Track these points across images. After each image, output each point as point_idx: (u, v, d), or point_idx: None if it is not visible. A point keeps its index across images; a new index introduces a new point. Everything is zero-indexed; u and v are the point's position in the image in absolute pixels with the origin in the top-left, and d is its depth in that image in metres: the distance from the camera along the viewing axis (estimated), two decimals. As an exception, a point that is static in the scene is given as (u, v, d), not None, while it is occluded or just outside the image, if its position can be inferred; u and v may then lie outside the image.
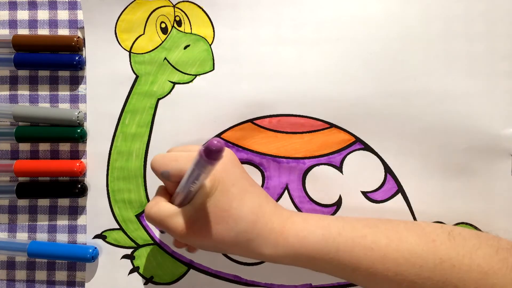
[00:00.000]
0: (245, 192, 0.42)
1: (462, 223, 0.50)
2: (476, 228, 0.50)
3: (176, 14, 0.51)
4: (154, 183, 0.51)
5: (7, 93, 0.53)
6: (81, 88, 0.52)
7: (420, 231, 0.42)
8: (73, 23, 0.52)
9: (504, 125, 0.49)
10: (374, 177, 0.50)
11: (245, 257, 0.44)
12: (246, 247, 0.42)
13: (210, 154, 0.34)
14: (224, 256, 0.51)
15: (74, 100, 0.52)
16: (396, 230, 0.42)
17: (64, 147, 0.52)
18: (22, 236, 0.53)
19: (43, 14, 0.52)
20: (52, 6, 0.52)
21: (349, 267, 0.41)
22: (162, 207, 0.42)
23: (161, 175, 0.43)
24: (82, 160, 0.52)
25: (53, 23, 0.52)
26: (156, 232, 0.52)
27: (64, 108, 0.52)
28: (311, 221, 0.43)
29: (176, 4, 0.51)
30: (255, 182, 0.46)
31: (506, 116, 0.49)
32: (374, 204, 0.50)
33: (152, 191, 0.52)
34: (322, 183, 0.50)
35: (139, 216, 0.52)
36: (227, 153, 0.43)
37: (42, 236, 0.52)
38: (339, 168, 0.50)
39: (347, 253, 0.41)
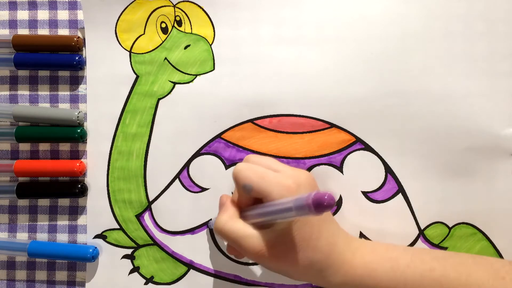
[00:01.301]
0: (323, 221, 0.42)
1: (463, 223, 0.50)
2: (476, 228, 0.50)
3: (176, 14, 0.51)
4: (154, 183, 0.51)
5: (7, 93, 0.53)
6: (81, 88, 0.52)
7: (489, 266, 0.42)
8: (73, 23, 0.52)
9: (504, 125, 0.49)
10: (374, 177, 0.50)
11: (310, 282, 0.45)
12: (317, 275, 0.42)
13: (319, 208, 0.33)
14: (224, 256, 0.51)
15: (74, 100, 0.52)
16: (464, 264, 0.42)
17: (64, 147, 0.52)
18: (22, 236, 0.53)
19: (43, 14, 0.52)
20: (52, 6, 0.52)
21: None
22: (239, 225, 0.42)
23: (242, 187, 0.42)
24: (82, 160, 0.52)
25: (53, 23, 0.52)
26: (156, 233, 0.52)
27: (64, 108, 0.52)
28: (379, 252, 0.44)
29: (177, 4, 0.51)
30: None
31: (506, 116, 0.49)
32: (375, 204, 0.50)
33: (152, 191, 0.51)
34: (323, 183, 0.50)
35: (139, 216, 0.52)
36: (311, 180, 0.43)
37: (42, 236, 0.52)
38: (340, 168, 0.50)
39: (415, 286, 0.41)
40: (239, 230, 0.41)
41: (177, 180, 0.51)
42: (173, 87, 0.51)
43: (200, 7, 0.51)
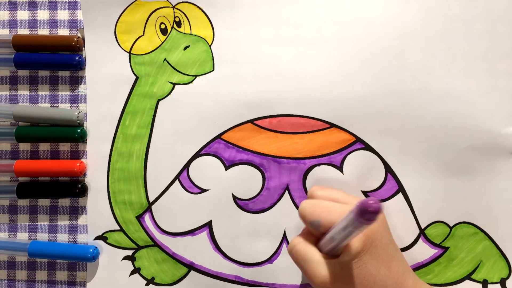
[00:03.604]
0: (393, 258, 0.41)
1: (463, 222, 0.50)
2: (477, 227, 0.50)
3: (175, 15, 0.51)
4: (154, 184, 0.51)
5: (7, 93, 0.53)
6: (81, 88, 0.52)
7: None
8: (73, 23, 0.52)
9: (504, 124, 0.49)
10: (374, 176, 0.50)
11: None
12: None
13: (365, 215, 0.32)
14: (225, 256, 0.51)
15: (74, 100, 0.52)
16: None
17: (64, 147, 0.52)
18: (22, 236, 0.53)
19: (43, 14, 0.52)
20: (52, 6, 0.52)
21: None
22: (309, 249, 0.41)
23: (310, 224, 0.42)
24: (82, 160, 0.52)
25: (53, 23, 0.52)
26: (156, 234, 0.52)
27: (64, 108, 0.52)
28: None
29: (176, 5, 0.51)
30: (398, 247, 0.45)
31: (506, 115, 0.49)
32: (375, 203, 0.50)
33: (152, 193, 0.52)
34: (323, 183, 0.50)
35: (139, 218, 0.52)
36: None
37: (42, 236, 0.53)
38: (340, 168, 0.50)
39: None
40: (307, 254, 0.41)
41: (177, 181, 0.51)
42: (173, 88, 0.51)
43: (200, 8, 0.51)
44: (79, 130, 0.51)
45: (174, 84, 0.51)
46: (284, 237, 0.51)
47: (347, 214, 0.35)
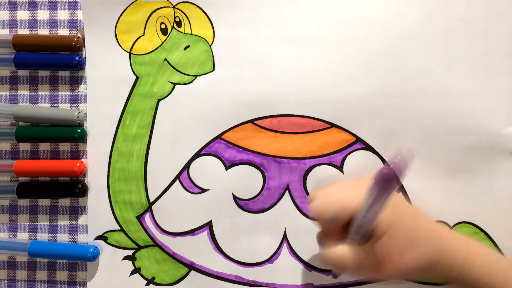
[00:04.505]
0: (419, 214, 0.42)
1: (464, 222, 0.50)
2: (477, 227, 0.50)
3: (176, 15, 0.51)
4: (154, 184, 0.51)
5: (7, 93, 0.53)
6: (81, 88, 0.52)
7: None
8: (73, 23, 0.52)
9: (504, 124, 0.49)
10: (374, 176, 0.51)
11: (420, 278, 0.45)
12: (428, 269, 0.41)
13: (386, 183, 0.33)
14: (225, 256, 0.51)
15: (74, 100, 0.52)
16: None
17: (65, 147, 0.52)
18: (23, 236, 0.53)
19: (43, 14, 0.52)
20: (52, 6, 0.52)
21: None
22: (338, 249, 0.41)
23: (329, 220, 0.41)
24: (82, 160, 0.52)
25: (53, 23, 0.52)
26: (156, 234, 0.52)
27: (64, 108, 0.52)
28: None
29: (176, 5, 0.51)
30: (417, 207, 0.45)
31: (506, 115, 0.49)
32: (375, 203, 0.50)
33: (152, 193, 0.52)
34: (323, 183, 0.50)
35: (140, 218, 0.52)
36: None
37: (43, 236, 0.53)
38: (340, 168, 0.50)
39: None
40: (340, 253, 0.41)
41: (177, 181, 0.51)
42: (173, 88, 0.51)
43: (200, 8, 0.51)
44: (79, 130, 0.51)
45: (175, 84, 0.51)
46: (284, 237, 0.51)
47: (366, 195, 0.36)
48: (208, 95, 0.51)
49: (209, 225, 0.51)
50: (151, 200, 0.51)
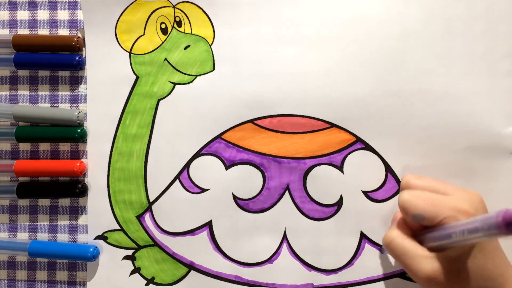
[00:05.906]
0: (495, 250, 0.41)
1: (463, 222, 0.50)
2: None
3: (176, 15, 0.51)
4: (154, 184, 0.51)
5: (7, 93, 0.53)
6: (81, 88, 0.52)
7: None
8: (73, 23, 0.52)
9: (504, 124, 0.49)
10: (375, 176, 0.51)
11: None
12: None
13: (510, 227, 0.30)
14: (225, 256, 0.51)
15: (74, 100, 0.52)
16: None
17: (65, 147, 0.52)
18: (23, 236, 0.53)
19: (43, 14, 0.52)
20: (52, 6, 0.52)
21: None
22: (408, 243, 0.41)
23: (413, 217, 0.41)
24: (82, 160, 0.52)
25: (53, 23, 0.52)
26: (156, 233, 0.52)
27: (64, 108, 0.52)
28: None
29: (176, 4, 0.51)
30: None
31: (506, 115, 0.49)
32: (375, 203, 0.50)
33: (152, 192, 0.52)
34: (323, 183, 0.50)
35: (139, 217, 0.52)
36: (483, 202, 0.43)
37: (43, 236, 0.52)
38: (340, 168, 0.50)
39: None
40: (409, 248, 0.40)
41: (177, 181, 0.51)
42: (173, 87, 0.51)
43: (200, 8, 0.51)
44: (79, 130, 0.51)
45: (175, 84, 0.51)
46: (285, 237, 0.51)
47: (477, 218, 0.34)
48: (208, 94, 0.51)
49: (209, 225, 0.51)
50: (151, 199, 0.51)
